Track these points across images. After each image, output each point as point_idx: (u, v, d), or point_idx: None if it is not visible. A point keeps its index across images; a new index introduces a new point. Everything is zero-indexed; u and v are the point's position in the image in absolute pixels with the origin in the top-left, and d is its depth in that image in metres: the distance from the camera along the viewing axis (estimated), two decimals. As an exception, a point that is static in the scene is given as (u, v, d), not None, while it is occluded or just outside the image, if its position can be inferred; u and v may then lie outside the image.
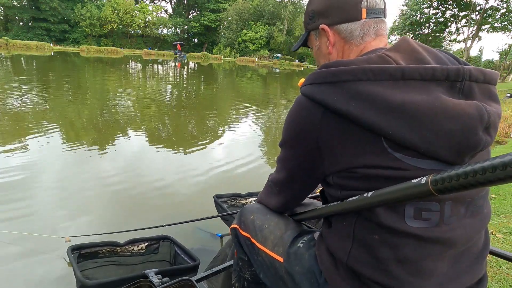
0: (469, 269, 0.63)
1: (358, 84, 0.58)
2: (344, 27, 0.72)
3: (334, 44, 0.75)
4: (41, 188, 2.82)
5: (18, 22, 44.31)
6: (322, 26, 0.75)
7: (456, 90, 0.57)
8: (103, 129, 5.05)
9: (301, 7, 52.24)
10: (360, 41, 0.72)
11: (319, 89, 0.61)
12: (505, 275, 1.69)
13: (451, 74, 0.57)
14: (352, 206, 0.62)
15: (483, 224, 0.65)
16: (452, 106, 0.54)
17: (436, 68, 0.57)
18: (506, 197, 2.82)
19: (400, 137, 0.55)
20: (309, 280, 0.72)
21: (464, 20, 35.77)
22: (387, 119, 0.55)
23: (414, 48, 0.64)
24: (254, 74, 24.31)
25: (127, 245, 1.48)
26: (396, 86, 0.56)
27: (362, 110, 0.56)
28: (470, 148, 0.55)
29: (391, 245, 0.59)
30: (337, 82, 0.59)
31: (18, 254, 1.95)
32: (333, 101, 0.59)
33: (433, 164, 0.57)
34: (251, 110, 8.36)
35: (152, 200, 2.76)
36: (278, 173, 0.81)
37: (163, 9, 56.26)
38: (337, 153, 0.61)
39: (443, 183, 0.46)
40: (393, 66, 0.57)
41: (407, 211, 0.58)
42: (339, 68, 0.60)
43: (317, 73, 0.63)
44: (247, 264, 0.95)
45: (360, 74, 0.58)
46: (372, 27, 0.71)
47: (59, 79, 11.30)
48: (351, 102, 0.57)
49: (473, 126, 0.54)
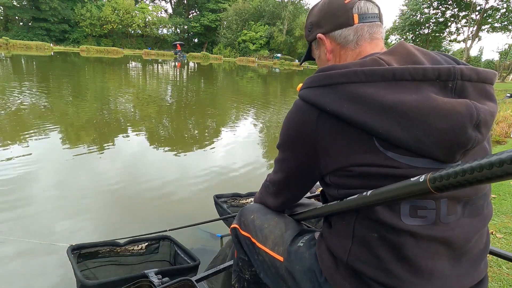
0: (470, 270, 0.63)
1: (351, 86, 0.59)
2: (338, 33, 0.75)
3: (331, 51, 0.79)
4: (40, 191, 2.82)
5: (18, 22, 44.31)
6: (319, 35, 0.79)
7: (448, 90, 0.58)
8: (102, 129, 5.05)
9: (301, 7, 52.28)
10: (355, 45, 0.74)
11: (314, 92, 0.64)
12: (505, 275, 1.69)
13: (442, 74, 0.57)
14: (352, 205, 0.62)
15: (483, 224, 0.65)
16: (442, 105, 0.55)
17: (427, 68, 0.58)
18: (506, 197, 2.82)
19: (391, 136, 0.56)
20: (310, 279, 0.72)
21: (464, 20, 35.80)
22: (379, 119, 0.56)
23: (409, 51, 0.65)
24: (254, 74, 24.31)
25: (127, 245, 1.48)
26: (388, 87, 0.58)
27: (355, 110, 0.58)
28: (460, 145, 0.56)
29: (390, 243, 0.59)
30: (331, 84, 0.62)
31: (18, 254, 1.95)
32: (327, 103, 0.61)
33: (426, 162, 0.58)
34: (251, 110, 8.37)
35: (152, 201, 2.76)
36: (275, 173, 0.82)
37: (163, 9, 56.34)
38: (332, 153, 0.63)
39: (441, 181, 0.46)
40: (384, 68, 0.59)
41: (403, 209, 0.59)
42: (333, 72, 0.62)
43: (313, 77, 0.66)
44: (247, 264, 0.96)
45: (353, 76, 0.59)
46: (365, 30, 0.73)
47: (59, 79, 11.29)
48: (344, 103, 0.59)
49: (463, 124, 0.55)
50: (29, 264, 1.88)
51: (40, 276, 1.80)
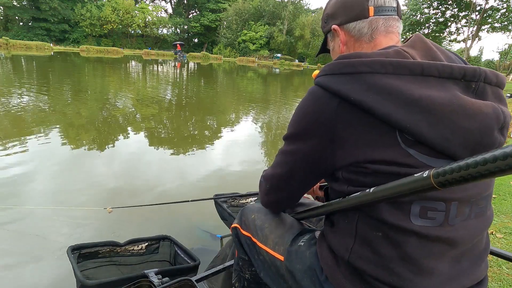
0: (470, 270, 0.63)
1: (376, 76, 0.57)
2: (353, 26, 0.73)
3: (345, 43, 0.77)
4: (35, 191, 2.81)
5: (18, 22, 44.29)
6: (333, 26, 0.77)
7: (470, 90, 0.57)
8: (102, 129, 5.05)
9: (301, 7, 52.26)
10: (369, 38, 0.72)
11: (335, 80, 0.60)
12: (505, 275, 1.69)
13: (467, 74, 0.57)
14: (354, 203, 0.61)
15: (485, 226, 0.65)
16: (470, 104, 0.54)
17: (454, 66, 0.57)
18: (506, 197, 2.82)
19: (417, 132, 0.54)
20: (310, 277, 0.72)
21: (464, 20, 35.76)
22: (406, 113, 0.54)
23: (429, 46, 0.64)
24: (254, 74, 24.30)
25: (127, 245, 1.48)
26: (415, 82, 0.56)
27: (380, 102, 0.55)
28: (484, 147, 0.55)
29: (394, 243, 0.59)
30: (355, 73, 0.59)
31: (18, 254, 1.95)
32: (349, 92, 0.58)
33: (444, 163, 0.56)
34: (251, 110, 8.37)
35: (152, 201, 2.76)
36: (275, 168, 0.77)
37: (163, 9, 56.29)
38: (350, 145, 0.60)
39: (445, 175, 0.45)
40: (413, 61, 0.57)
41: (413, 209, 0.57)
42: (357, 60, 0.59)
43: (334, 64, 0.62)
44: (248, 264, 0.96)
45: (379, 66, 0.57)
46: (381, 23, 0.71)
47: (59, 79, 11.29)
48: (368, 93, 0.56)
49: (490, 125, 0.55)
50: (29, 264, 1.87)
51: (40, 276, 1.80)
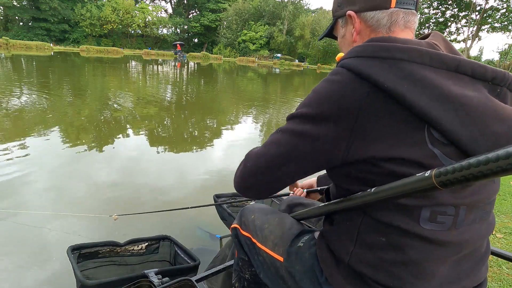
0: (470, 273, 0.63)
1: (412, 65, 0.54)
2: (371, 15, 0.67)
3: (359, 32, 0.70)
4: (35, 194, 2.81)
5: (18, 22, 44.31)
6: (349, 12, 0.70)
7: (495, 93, 0.57)
8: (102, 129, 5.05)
9: (301, 7, 52.25)
10: (387, 30, 0.67)
11: (367, 63, 0.56)
12: (505, 275, 1.69)
13: (497, 77, 0.56)
14: (355, 203, 0.60)
15: (488, 230, 0.65)
16: (501, 108, 0.54)
17: (487, 68, 0.56)
18: (506, 197, 2.82)
19: (449, 130, 0.52)
20: (310, 279, 0.72)
21: (464, 20, 35.75)
22: (440, 108, 0.52)
23: (449, 43, 0.64)
24: (254, 74, 24.30)
25: (127, 245, 1.48)
26: (449, 77, 0.54)
27: (415, 93, 0.52)
28: None
29: (396, 247, 0.58)
30: (390, 58, 0.55)
31: (18, 254, 1.95)
32: (383, 78, 0.53)
33: None
34: (251, 110, 8.37)
35: (152, 202, 2.76)
36: (268, 146, 0.65)
37: (163, 9, 56.30)
38: (371, 138, 0.55)
39: (447, 175, 0.44)
40: (450, 56, 0.56)
41: (423, 213, 0.56)
42: (393, 44, 0.56)
43: (366, 46, 0.58)
44: (247, 264, 0.95)
45: (416, 55, 0.55)
46: (401, 17, 0.66)
47: (59, 79, 11.29)
48: (403, 82, 0.53)
49: None
50: (29, 264, 1.87)
51: (40, 276, 1.80)
